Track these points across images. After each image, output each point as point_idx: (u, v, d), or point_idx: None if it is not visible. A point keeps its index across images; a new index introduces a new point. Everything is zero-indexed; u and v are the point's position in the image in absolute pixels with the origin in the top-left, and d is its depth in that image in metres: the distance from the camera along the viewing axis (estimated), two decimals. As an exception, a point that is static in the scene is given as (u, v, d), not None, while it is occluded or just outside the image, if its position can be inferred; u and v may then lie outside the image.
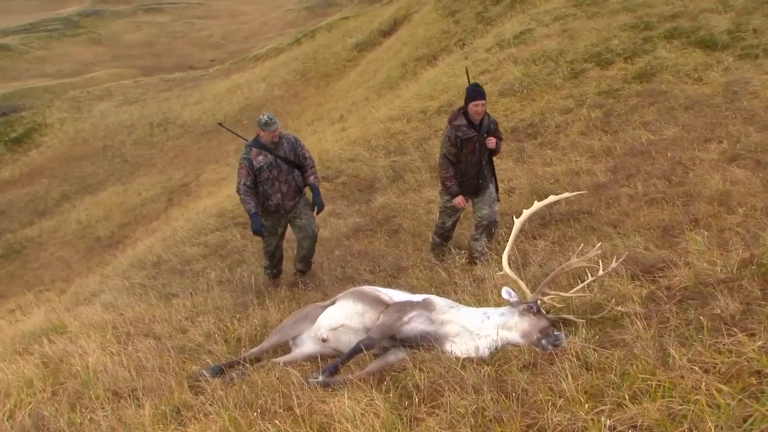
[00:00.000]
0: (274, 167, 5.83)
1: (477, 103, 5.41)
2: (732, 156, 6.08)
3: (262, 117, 5.81)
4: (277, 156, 5.86)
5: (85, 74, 41.50)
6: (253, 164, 5.80)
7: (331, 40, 30.45)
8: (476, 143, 5.52)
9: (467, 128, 5.52)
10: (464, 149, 5.55)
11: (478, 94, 5.43)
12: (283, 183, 5.88)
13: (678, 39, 9.94)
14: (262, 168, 5.81)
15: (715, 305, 3.27)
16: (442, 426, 2.79)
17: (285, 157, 5.90)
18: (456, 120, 5.55)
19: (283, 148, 5.91)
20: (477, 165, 5.59)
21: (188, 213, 12.98)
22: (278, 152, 5.88)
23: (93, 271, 11.78)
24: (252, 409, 3.25)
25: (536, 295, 3.70)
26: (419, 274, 5.36)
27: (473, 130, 5.51)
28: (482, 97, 5.44)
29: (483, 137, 5.51)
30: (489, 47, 13.28)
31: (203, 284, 6.59)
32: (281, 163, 5.86)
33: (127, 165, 25.90)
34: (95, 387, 3.92)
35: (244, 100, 27.89)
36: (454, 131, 5.53)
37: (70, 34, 51.65)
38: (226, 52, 46.50)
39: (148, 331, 5.12)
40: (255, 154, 5.85)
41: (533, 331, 3.45)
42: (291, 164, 5.92)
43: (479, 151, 5.56)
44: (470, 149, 5.55)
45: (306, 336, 4.06)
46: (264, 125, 5.78)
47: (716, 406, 2.44)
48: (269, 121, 5.78)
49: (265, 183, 5.85)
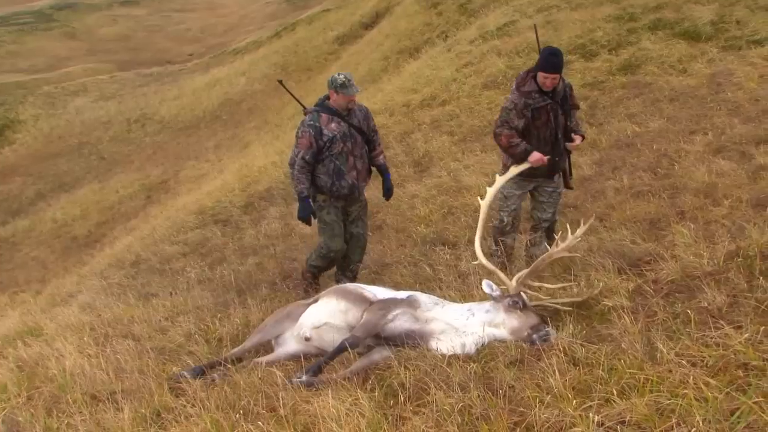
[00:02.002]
0: (348, 138, 4.88)
1: (548, 77, 4.56)
2: (717, 148, 6.13)
3: (338, 76, 4.86)
4: (351, 124, 4.93)
5: (59, 69, 40.86)
6: (323, 133, 4.82)
7: (312, 33, 30.28)
8: (550, 113, 4.68)
9: (539, 95, 4.65)
10: (536, 121, 4.67)
11: (553, 66, 4.53)
12: (359, 158, 4.95)
13: (662, 30, 10.02)
14: (335, 138, 4.84)
15: (702, 298, 3.30)
16: (428, 425, 2.78)
17: (359, 127, 4.97)
18: (525, 85, 4.67)
19: (356, 116, 4.98)
20: (552, 140, 4.74)
21: (167, 211, 12.87)
22: (351, 120, 4.95)
23: (70, 272, 11.63)
24: (234, 410, 3.21)
25: (519, 287, 3.67)
26: (403, 271, 5.35)
27: (547, 97, 4.66)
28: (557, 70, 4.55)
29: (558, 105, 4.70)
30: (472, 39, 13.29)
31: (183, 283, 6.52)
32: (355, 133, 4.93)
33: (104, 162, 25.58)
34: (72, 391, 3.86)
35: (224, 95, 27.66)
36: (523, 99, 4.64)
37: (43, 28, 50.78)
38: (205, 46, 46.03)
39: (126, 333, 5.05)
40: (326, 120, 4.87)
41: (523, 328, 3.44)
42: (364, 137, 5.01)
43: (554, 123, 4.71)
44: (544, 120, 4.68)
45: (289, 335, 4.03)
46: (340, 86, 4.81)
47: (704, 400, 2.45)
48: (347, 82, 4.81)
49: (338, 157, 4.86)
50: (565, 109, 4.77)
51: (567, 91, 4.77)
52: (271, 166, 10.78)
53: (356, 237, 5.28)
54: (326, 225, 5.08)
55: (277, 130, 18.16)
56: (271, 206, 8.78)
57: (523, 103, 4.65)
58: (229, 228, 8.52)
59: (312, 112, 4.94)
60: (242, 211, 9.01)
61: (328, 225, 5.07)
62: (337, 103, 4.90)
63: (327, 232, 5.09)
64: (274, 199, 9.03)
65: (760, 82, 7.50)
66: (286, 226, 7.85)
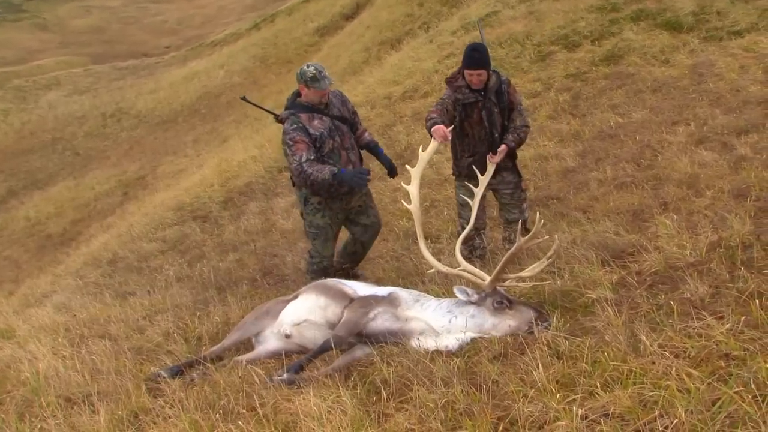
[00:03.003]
0: (335, 132, 4.58)
1: (472, 73, 4.47)
2: (699, 138, 6.20)
3: (308, 68, 4.48)
4: (333, 117, 4.62)
5: (30, 62, 40.26)
6: (309, 132, 4.49)
7: (292, 24, 30.13)
8: (482, 110, 4.59)
9: (469, 91, 4.57)
10: (469, 119, 4.61)
11: (475, 62, 4.44)
12: (350, 150, 4.66)
13: (644, 21, 10.09)
14: (323, 136, 4.53)
15: (685, 289, 3.33)
16: (411, 421, 2.78)
17: (341, 116, 4.67)
18: (456, 81, 4.60)
19: (334, 105, 4.67)
20: (488, 138, 4.64)
21: (145, 207, 12.76)
22: (332, 112, 4.63)
23: (44, 271, 11.51)
24: (214, 410, 3.19)
25: (492, 284, 3.57)
26: (386, 265, 5.34)
27: (478, 94, 4.57)
28: (481, 66, 4.44)
29: (491, 102, 4.59)
30: (454, 30, 13.29)
31: (161, 281, 6.48)
32: (339, 125, 4.63)
33: (79, 158, 25.28)
34: (46, 394, 3.80)
35: (202, 88, 27.46)
36: (453, 94, 4.59)
37: (12, 19, 49.93)
38: (182, 38, 45.60)
39: (103, 333, 5.00)
40: (307, 119, 4.53)
41: (522, 325, 3.36)
42: (348, 125, 4.71)
43: (489, 121, 4.61)
44: (477, 119, 4.60)
45: (269, 332, 4.01)
46: (311, 80, 4.44)
47: (686, 391, 2.48)
48: (317, 75, 4.44)
49: (331, 156, 4.56)
50: (502, 107, 4.65)
51: (504, 87, 4.64)
52: (251, 161, 10.72)
53: (368, 227, 4.93)
54: (318, 229, 4.76)
55: (256, 124, 18.04)
56: (251, 201, 8.73)
57: (453, 98, 4.59)
58: (208, 224, 8.47)
59: (288, 116, 4.56)
60: (221, 207, 8.96)
61: (321, 229, 4.75)
62: (308, 98, 4.55)
63: (320, 237, 4.77)
64: (254, 194, 8.99)
65: (740, 73, 7.59)
66: (267, 221, 7.81)
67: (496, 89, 4.62)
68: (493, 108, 4.62)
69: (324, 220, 4.72)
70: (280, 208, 8.12)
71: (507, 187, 4.87)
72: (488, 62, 4.52)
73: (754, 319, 2.85)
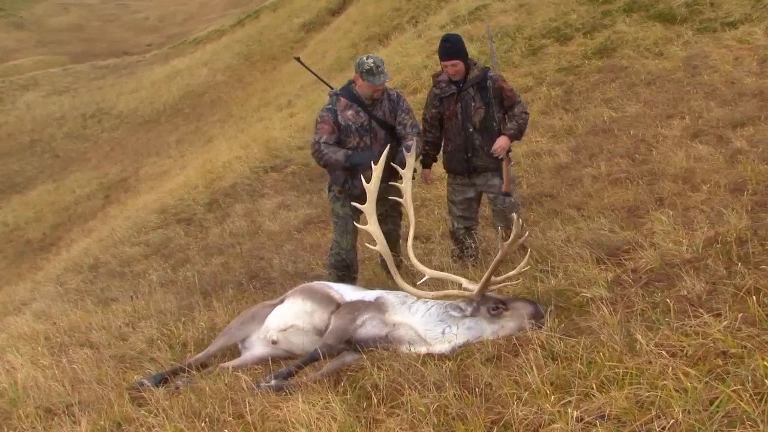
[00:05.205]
0: (366, 132, 4.50)
1: (447, 64, 4.51)
2: (694, 132, 6.23)
3: (366, 60, 4.43)
4: (373, 117, 4.54)
5: (6, 62, 39.92)
6: (338, 119, 4.49)
7: (277, 20, 30.05)
8: (458, 103, 4.56)
9: (446, 84, 4.59)
10: (446, 111, 4.62)
11: (446, 53, 4.50)
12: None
13: (637, 13, 10.14)
14: (350, 128, 4.49)
15: (682, 286, 3.34)
16: (402, 426, 2.77)
17: (383, 120, 4.56)
18: (439, 76, 4.68)
19: (382, 107, 4.58)
20: (462, 133, 4.60)
21: (127, 210, 12.71)
22: (375, 112, 4.55)
23: (23, 278, 11.44)
24: (199, 419, 3.17)
25: (480, 292, 3.53)
26: (376, 268, 5.33)
27: (455, 86, 4.57)
28: (453, 56, 4.48)
29: (468, 95, 4.58)
30: (443, 24, 13.29)
31: (145, 286, 6.44)
32: (377, 127, 4.53)
33: (59, 160, 25.12)
34: (25, 405, 3.77)
35: (185, 87, 27.33)
36: (433, 90, 4.69)
37: (-13, 19, 49.53)
38: (164, 35, 45.38)
39: (84, 341, 4.98)
40: (343, 106, 4.52)
41: (523, 323, 3.36)
42: (389, 130, 4.59)
43: (463, 115, 4.57)
44: (452, 112, 4.60)
45: (255, 338, 3.99)
46: (366, 73, 4.39)
47: (683, 391, 2.48)
48: (374, 69, 4.38)
49: None
50: (486, 101, 4.61)
51: (489, 83, 4.60)
52: (236, 161, 10.67)
53: (386, 234, 4.59)
54: (338, 218, 4.77)
55: (241, 123, 17.99)
56: (237, 203, 8.70)
57: (433, 93, 4.69)
58: (192, 227, 8.43)
59: (331, 95, 4.60)
60: (206, 209, 8.92)
61: (341, 218, 4.74)
62: (361, 90, 4.51)
63: (339, 227, 4.77)
64: (240, 195, 8.95)
65: (735, 65, 7.64)
66: (253, 223, 7.78)
67: (477, 83, 4.60)
68: (470, 102, 4.60)
69: (344, 209, 4.69)
70: (266, 209, 8.10)
71: (491, 190, 4.79)
72: (462, 52, 4.57)
73: (752, 316, 2.86)
